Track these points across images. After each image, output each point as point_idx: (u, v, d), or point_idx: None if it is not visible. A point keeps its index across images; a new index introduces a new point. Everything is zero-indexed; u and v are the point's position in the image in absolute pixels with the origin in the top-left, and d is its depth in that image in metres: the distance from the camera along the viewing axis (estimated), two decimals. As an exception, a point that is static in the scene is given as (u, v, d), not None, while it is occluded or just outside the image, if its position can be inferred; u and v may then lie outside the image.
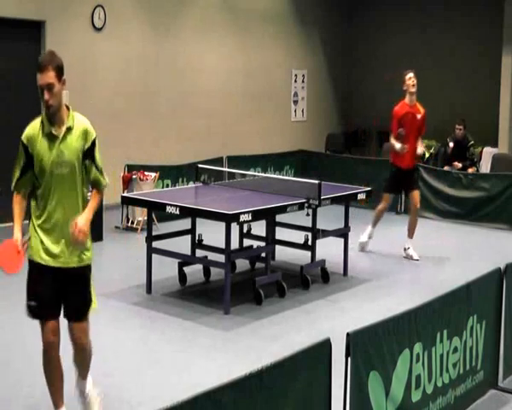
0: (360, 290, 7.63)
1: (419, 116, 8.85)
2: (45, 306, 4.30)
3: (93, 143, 4.44)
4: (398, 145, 8.71)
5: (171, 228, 8.31)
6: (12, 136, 6.52)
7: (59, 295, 4.35)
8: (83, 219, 4.23)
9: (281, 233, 8.21)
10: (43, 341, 4.38)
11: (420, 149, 8.85)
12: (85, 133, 4.40)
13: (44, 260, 4.28)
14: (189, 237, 7.73)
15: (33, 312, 4.33)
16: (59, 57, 4.25)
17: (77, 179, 4.33)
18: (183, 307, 6.91)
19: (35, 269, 4.30)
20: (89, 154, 4.39)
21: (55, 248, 4.28)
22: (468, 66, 15.08)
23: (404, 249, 8.98)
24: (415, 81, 8.77)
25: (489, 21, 14.64)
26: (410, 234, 9.00)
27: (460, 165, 11.99)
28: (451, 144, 12.35)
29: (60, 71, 4.28)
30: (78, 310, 4.48)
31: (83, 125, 4.41)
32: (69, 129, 4.31)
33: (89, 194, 4.50)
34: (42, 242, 4.28)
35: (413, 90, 8.76)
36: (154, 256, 7.29)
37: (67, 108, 4.41)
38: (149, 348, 5.90)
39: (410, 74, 8.85)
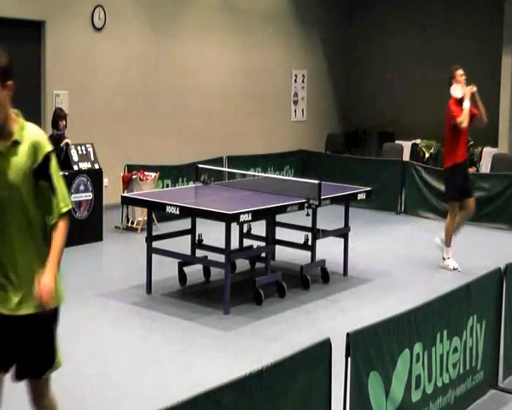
0: (360, 290, 7.63)
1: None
2: None
3: (46, 160, 3.46)
4: (466, 103, 8.46)
5: (171, 228, 8.31)
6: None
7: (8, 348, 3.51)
8: (47, 276, 3.37)
9: (281, 233, 8.21)
10: None
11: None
12: (35, 148, 3.44)
13: None
14: (189, 237, 7.73)
15: None
16: (3, 56, 3.56)
17: (26, 206, 3.44)
18: (183, 307, 6.91)
19: None
20: (41, 173, 3.45)
21: None
22: (468, 66, 15.03)
23: (444, 259, 8.49)
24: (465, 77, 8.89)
25: (489, 21, 14.64)
26: (449, 242, 8.49)
27: None
28: None
29: (2, 74, 3.57)
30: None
31: (33, 138, 3.47)
32: (16, 143, 3.43)
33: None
34: None
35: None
36: (154, 256, 7.29)
37: (18, 117, 3.55)
38: (149, 348, 5.90)
39: (461, 71, 8.94)
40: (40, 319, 3.48)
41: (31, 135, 3.48)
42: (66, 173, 9.00)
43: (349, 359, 3.58)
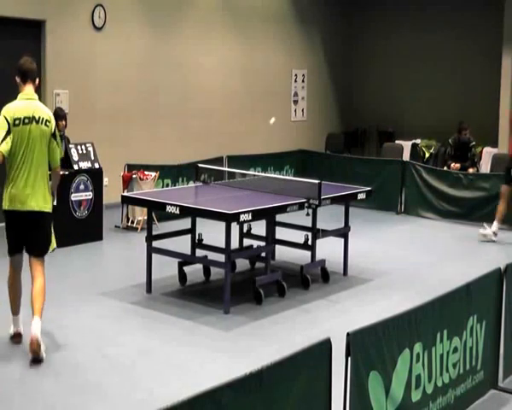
0: (360, 290, 7.63)
1: None
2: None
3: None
4: None
5: (171, 228, 8.31)
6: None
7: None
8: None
9: (281, 233, 8.21)
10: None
11: None
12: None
13: None
14: (189, 236, 7.73)
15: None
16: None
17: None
18: (183, 306, 6.91)
19: None
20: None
21: None
22: (468, 66, 15.09)
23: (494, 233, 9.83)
24: None
25: (489, 21, 14.64)
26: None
27: (458, 165, 11.96)
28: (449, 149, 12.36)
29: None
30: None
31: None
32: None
33: None
34: None
35: None
36: (154, 256, 7.29)
37: None
38: (149, 348, 5.90)
39: None
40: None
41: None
42: (67, 173, 9.01)
43: (349, 359, 3.58)
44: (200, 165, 8.69)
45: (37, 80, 5.87)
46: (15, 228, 5.57)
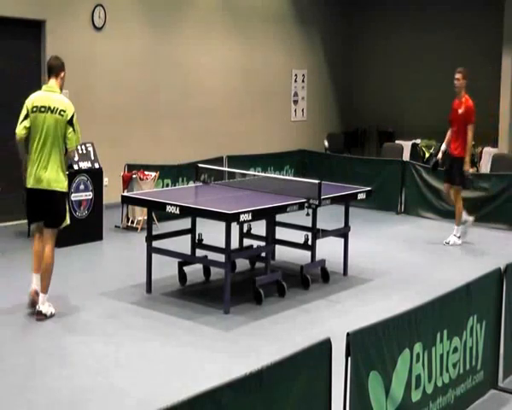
0: (360, 290, 7.63)
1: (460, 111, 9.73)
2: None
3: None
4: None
5: (171, 228, 8.31)
6: (12, 135, 6.55)
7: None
8: None
9: (281, 233, 8.21)
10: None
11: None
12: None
13: None
14: (189, 236, 7.73)
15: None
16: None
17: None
18: (183, 306, 6.91)
19: None
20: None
21: None
22: (468, 66, 15.05)
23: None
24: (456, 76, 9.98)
25: (489, 21, 14.64)
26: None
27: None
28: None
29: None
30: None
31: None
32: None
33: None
34: None
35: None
36: (154, 256, 7.29)
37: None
38: (149, 348, 5.90)
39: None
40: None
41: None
42: (67, 173, 8.99)
43: (349, 359, 3.57)
44: (200, 165, 8.69)
45: (63, 74, 6.66)
46: (32, 202, 6.54)
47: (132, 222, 10.12)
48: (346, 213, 8.09)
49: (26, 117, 6.42)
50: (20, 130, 6.45)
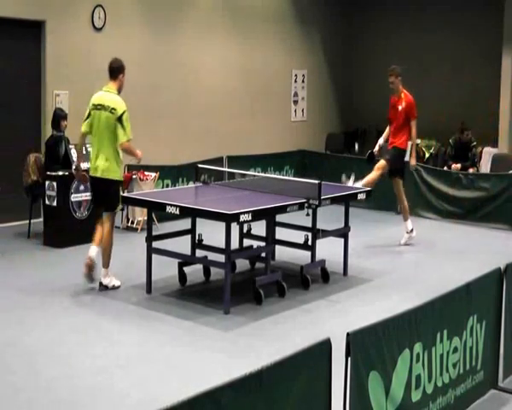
0: (360, 290, 7.63)
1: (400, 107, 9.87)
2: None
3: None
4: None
5: (171, 228, 8.31)
6: (12, 134, 6.55)
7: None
8: None
9: (281, 233, 8.21)
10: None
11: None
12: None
13: None
14: (189, 236, 7.73)
15: None
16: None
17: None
18: (183, 307, 6.91)
19: None
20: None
21: None
22: (468, 66, 15.08)
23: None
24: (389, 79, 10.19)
25: (489, 21, 14.63)
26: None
27: (459, 166, 11.97)
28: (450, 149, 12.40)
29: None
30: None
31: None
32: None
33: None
34: None
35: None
36: (154, 256, 7.29)
37: None
38: (149, 348, 5.90)
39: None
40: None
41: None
42: (67, 173, 9.01)
43: (349, 359, 3.57)
44: (200, 165, 8.69)
45: (121, 76, 7.85)
46: (93, 189, 7.54)
47: (132, 223, 10.12)
48: (345, 214, 8.09)
49: (89, 115, 7.38)
50: (83, 127, 7.43)
